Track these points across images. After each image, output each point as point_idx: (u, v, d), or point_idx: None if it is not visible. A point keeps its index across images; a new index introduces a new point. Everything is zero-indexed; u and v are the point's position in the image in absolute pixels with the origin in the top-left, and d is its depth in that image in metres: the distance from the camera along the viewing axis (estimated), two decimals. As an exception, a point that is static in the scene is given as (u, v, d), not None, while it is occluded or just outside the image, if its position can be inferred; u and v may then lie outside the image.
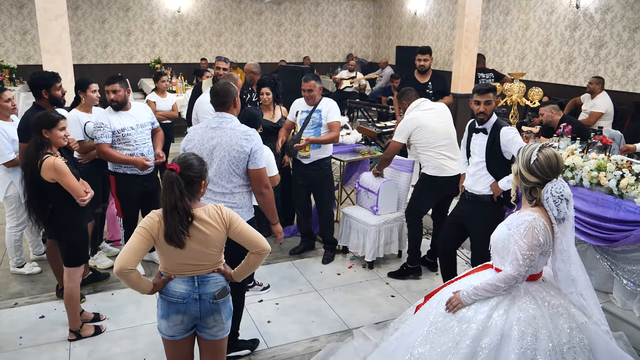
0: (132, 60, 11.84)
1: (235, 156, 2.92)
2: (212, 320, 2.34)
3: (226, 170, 2.95)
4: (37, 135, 3.13)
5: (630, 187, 3.49)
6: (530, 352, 2.19)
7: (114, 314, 3.73)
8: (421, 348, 2.37)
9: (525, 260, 2.25)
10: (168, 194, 2.18)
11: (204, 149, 2.94)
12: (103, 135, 3.84)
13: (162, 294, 2.30)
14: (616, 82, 7.71)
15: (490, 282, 2.33)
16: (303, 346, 3.44)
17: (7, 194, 4.04)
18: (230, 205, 2.97)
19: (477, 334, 2.26)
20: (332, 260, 4.70)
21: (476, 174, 3.51)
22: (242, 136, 2.93)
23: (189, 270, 2.30)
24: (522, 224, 2.28)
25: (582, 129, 5.14)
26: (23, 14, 10.77)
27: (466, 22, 6.51)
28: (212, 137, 2.95)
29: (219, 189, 2.99)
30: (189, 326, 2.34)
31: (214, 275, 2.35)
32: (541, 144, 2.36)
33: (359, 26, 14.04)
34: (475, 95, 3.42)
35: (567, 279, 2.35)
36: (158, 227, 2.21)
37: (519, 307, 2.29)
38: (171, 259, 2.28)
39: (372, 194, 4.60)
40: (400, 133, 4.16)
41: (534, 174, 2.31)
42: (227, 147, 2.91)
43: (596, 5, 7.94)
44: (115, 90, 3.88)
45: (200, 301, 2.29)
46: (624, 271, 3.52)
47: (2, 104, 3.90)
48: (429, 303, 2.60)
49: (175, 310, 2.28)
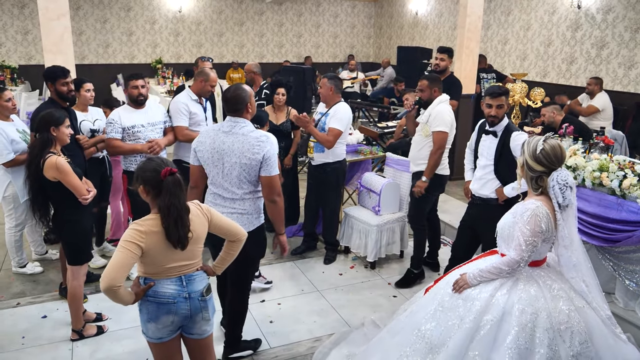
0: (134, 60, 11.84)
1: (246, 163, 2.84)
2: (201, 317, 2.38)
3: (237, 177, 2.88)
4: (45, 133, 3.16)
5: (633, 187, 3.49)
6: (529, 329, 2.33)
7: (116, 314, 3.73)
8: (428, 325, 2.52)
9: (527, 246, 2.39)
10: (178, 196, 2.21)
11: (215, 153, 2.90)
12: (113, 131, 3.92)
13: (150, 297, 2.28)
14: (618, 83, 7.71)
15: (495, 265, 2.48)
16: (305, 346, 3.44)
17: (6, 194, 4.03)
18: (240, 211, 2.93)
19: (480, 311, 2.41)
20: (334, 261, 4.70)
21: (483, 178, 3.49)
22: (254, 142, 2.84)
23: (177, 271, 2.31)
24: (526, 211, 2.41)
25: (584, 129, 5.14)
26: (24, 14, 10.78)
27: (468, 22, 6.51)
28: (223, 141, 2.88)
29: (228, 195, 2.93)
30: (178, 326, 2.37)
31: (198, 272, 2.39)
32: (545, 136, 2.51)
33: (360, 26, 14.05)
34: (487, 98, 3.41)
35: (569, 264, 2.49)
36: (149, 237, 2.18)
37: (521, 289, 2.43)
38: (161, 263, 2.26)
39: (374, 194, 4.60)
40: (444, 122, 3.95)
41: (540, 162, 2.43)
42: (238, 153, 2.84)
43: (598, 5, 7.93)
44: (144, 85, 3.99)
45: (190, 299, 2.32)
46: (627, 272, 3.52)
47: (2, 103, 3.89)
48: (438, 284, 2.74)
49: (166, 311, 2.29)
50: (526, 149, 2.49)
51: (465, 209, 3.77)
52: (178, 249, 2.23)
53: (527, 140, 2.53)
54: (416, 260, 4.29)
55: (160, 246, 2.21)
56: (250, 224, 2.96)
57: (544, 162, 2.43)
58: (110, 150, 4.04)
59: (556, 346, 2.31)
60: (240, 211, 2.93)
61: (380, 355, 2.70)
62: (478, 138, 3.57)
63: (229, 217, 2.66)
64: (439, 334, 2.45)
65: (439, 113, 3.97)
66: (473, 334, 2.37)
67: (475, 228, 3.62)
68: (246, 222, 2.93)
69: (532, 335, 2.32)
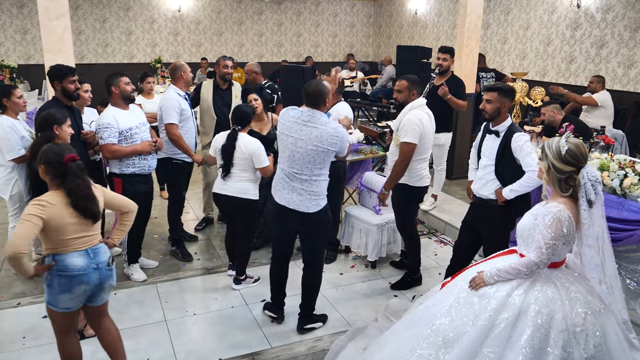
0: (133, 59, 11.84)
1: (323, 151, 3.14)
2: (108, 284, 2.72)
3: (310, 162, 3.16)
4: (47, 131, 3.20)
5: (634, 186, 3.49)
6: (544, 329, 2.33)
7: (117, 313, 3.72)
8: (442, 319, 2.53)
9: (548, 249, 2.39)
10: (83, 178, 2.55)
11: (296, 140, 3.15)
12: (110, 136, 3.81)
13: (61, 271, 2.53)
14: (617, 82, 7.72)
15: (514, 265, 2.48)
16: (306, 346, 3.44)
17: (12, 193, 4.06)
18: (309, 192, 3.23)
19: (496, 309, 2.42)
20: (335, 260, 4.70)
21: (483, 178, 3.47)
22: (332, 133, 3.14)
23: (82, 244, 2.58)
24: (548, 214, 2.41)
25: (585, 128, 5.14)
26: (23, 13, 10.76)
27: (467, 21, 6.51)
28: (301, 129, 3.15)
29: (304, 177, 3.22)
30: (88, 295, 2.66)
31: (101, 245, 2.69)
32: (565, 135, 2.49)
33: (360, 26, 14.04)
34: (484, 93, 3.44)
35: (591, 263, 2.48)
36: (49, 209, 2.45)
37: (539, 289, 2.43)
38: (64, 234, 2.51)
39: (374, 194, 4.60)
40: (412, 132, 3.72)
41: (568, 163, 2.42)
42: (315, 141, 3.13)
43: (597, 4, 7.94)
44: (128, 82, 3.92)
45: (99, 270, 2.63)
46: (627, 271, 3.52)
47: (14, 100, 3.98)
48: (454, 281, 2.75)
49: (78, 281, 2.56)
50: (549, 153, 2.46)
51: (468, 209, 3.76)
52: (90, 221, 2.56)
53: (547, 144, 2.50)
54: (416, 266, 4.25)
55: (62, 218, 2.48)
56: (317, 204, 3.28)
57: (572, 162, 2.41)
58: (109, 156, 3.88)
59: (570, 348, 2.31)
60: (309, 192, 3.23)
61: (394, 346, 2.71)
62: (482, 138, 3.55)
63: (298, 196, 3.22)
64: (452, 329, 2.47)
65: (408, 122, 3.74)
66: (488, 331, 2.39)
67: (476, 228, 3.61)
68: (314, 202, 3.27)
69: (547, 336, 2.32)
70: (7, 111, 3.99)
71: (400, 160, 3.79)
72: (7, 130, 3.84)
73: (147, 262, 4.48)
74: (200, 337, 3.52)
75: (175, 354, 3.33)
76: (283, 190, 3.28)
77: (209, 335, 3.54)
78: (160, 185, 6.13)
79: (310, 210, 3.25)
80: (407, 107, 3.85)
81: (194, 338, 3.51)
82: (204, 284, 4.26)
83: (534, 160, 3.22)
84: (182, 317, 3.74)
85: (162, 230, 5.25)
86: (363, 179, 4.81)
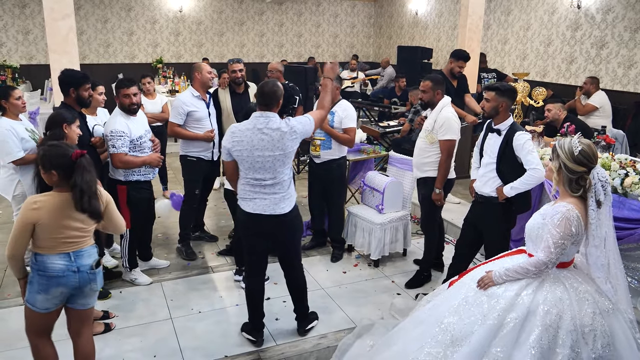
0: (134, 60, 11.86)
1: (281, 154, 3.11)
2: (89, 288, 2.63)
3: (271, 167, 3.12)
4: (57, 129, 3.21)
5: (634, 185, 3.53)
6: (553, 329, 2.34)
7: (123, 312, 3.76)
8: (450, 318, 2.54)
9: (556, 249, 2.40)
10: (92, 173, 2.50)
11: (255, 150, 3.08)
12: (124, 145, 3.76)
13: (40, 271, 2.52)
14: (617, 82, 7.75)
15: (522, 265, 2.49)
16: (311, 343, 3.48)
17: (15, 193, 4.07)
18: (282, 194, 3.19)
19: (505, 309, 2.42)
20: (341, 259, 4.74)
21: (485, 175, 3.52)
22: (289, 131, 3.10)
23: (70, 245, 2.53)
24: (557, 214, 2.42)
25: (585, 128, 5.17)
26: (25, 13, 10.78)
27: (469, 22, 6.55)
28: (261, 138, 3.08)
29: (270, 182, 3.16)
30: (66, 297, 2.61)
31: (87, 249, 2.61)
32: (577, 135, 2.50)
33: (360, 26, 14.07)
34: (484, 93, 3.48)
35: (597, 263, 2.49)
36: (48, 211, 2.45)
37: (547, 289, 2.44)
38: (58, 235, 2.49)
39: (377, 193, 4.63)
40: (452, 129, 3.91)
41: (581, 163, 2.42)
42: (276, 147, 3.08)
43: (597, 5, 7.98)
44: (136, 93, 3.85)
45: (79, 272, 2.57)
46: (628, 269, 3.56)
47: (12, 102, 3.92)
48: (462, 279, 2.76)
49: (56, 283, 2.53)
50: (561, 153, 2.45)
51: (469, 207, 3.80)
52: (94, 220, 2.54)
53: (558, 144, 2.49)
54: (429, 263, 4.31)
55: (55, 220, 2.46)
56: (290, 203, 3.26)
57: (584, 162, 2.41)
58: (120, 166, 3.79)
59: (579, 348, 2.32)
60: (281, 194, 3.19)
61: (402, 344, 2.72)
62: (485, 136, 3.60)
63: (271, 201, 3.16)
64: (461, 328, 2.47)
65: (446, 120, 3.91)
66: (496, 331, 2.39)
67: (478, 226, 3.65)
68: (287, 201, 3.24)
69: (555, 336, 2.33)
70: (7, 113, 3.93)
71: (445, 158, 3.95)
72: (4, 133, 3.78)
73: (158, 262, 4.50)
74: (206, 335, 3.55)
75: (181, 351, 3.37)
76: (254, 199, 3.19)
77: (215, 333, 3.57)
78: (163, 185, 6.15)
79: (285, 211, 3.21)
80: (438, 106, 4.01)
81: (199, 335, 3.54)
82: (209, 282, 4.29)
83: (535, 158, 3.26)
84: (187, 315, 3.77)
85: (165, 229, 5.29)
86: (366, 178, 4.84)
